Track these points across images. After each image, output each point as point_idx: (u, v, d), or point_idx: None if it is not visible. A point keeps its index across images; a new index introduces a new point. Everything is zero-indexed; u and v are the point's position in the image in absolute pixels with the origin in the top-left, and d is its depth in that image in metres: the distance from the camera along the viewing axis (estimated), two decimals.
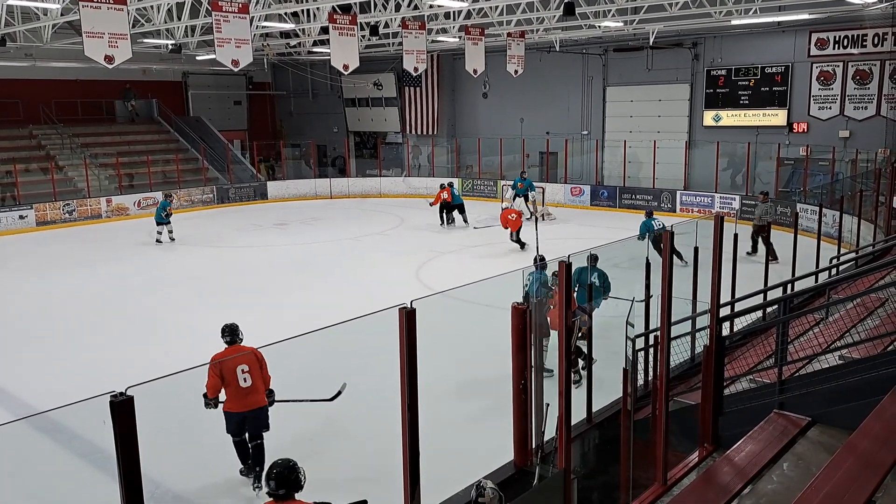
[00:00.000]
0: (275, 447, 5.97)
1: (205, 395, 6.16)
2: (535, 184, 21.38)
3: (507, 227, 16.62)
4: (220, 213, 23.65)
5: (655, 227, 14.06)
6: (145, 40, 20.30)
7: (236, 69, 14.43)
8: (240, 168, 27.43)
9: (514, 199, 21.33)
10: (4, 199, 21.54)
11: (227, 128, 29.73)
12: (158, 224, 17.93)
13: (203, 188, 24.95)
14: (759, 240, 13.78)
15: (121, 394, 2.44)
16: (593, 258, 8.12)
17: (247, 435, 6.28)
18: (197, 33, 19.62)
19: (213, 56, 16.27)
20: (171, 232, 18.01)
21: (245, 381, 6.08)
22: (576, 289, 7.69)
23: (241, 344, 6.38)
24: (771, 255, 10.85)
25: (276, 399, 6.36)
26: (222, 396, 6.19)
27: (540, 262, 8.05)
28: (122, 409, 2.41)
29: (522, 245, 16.12)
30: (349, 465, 6.63)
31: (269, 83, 31.84)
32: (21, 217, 20.75)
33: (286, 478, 4.07)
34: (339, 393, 6.47)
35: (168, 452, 6.57)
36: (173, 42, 19.98)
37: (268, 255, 16.82)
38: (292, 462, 4.14)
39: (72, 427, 6.96)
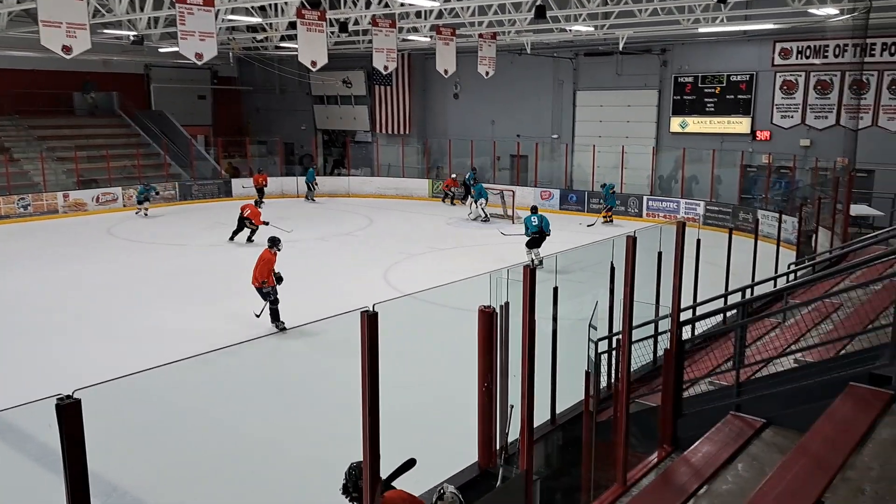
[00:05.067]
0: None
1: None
2: (505, 187, 21.52)
3: None
4: (183, 210, 23.27)
5: (534, 224, 14.75)
6: (106, 31, 19.86)
7: (200, 63, 14.18)
8: (204, 164, 27.01)
9: (472, 202, 21.46)
10: None
11: (191, 123, 29.19)
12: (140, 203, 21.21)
13: (165, 184, 24.52)
14: None
15: (67, 397, 2.37)
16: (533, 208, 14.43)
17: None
18: (160, 25, 19.26)
19: (176, 49, 15.96)
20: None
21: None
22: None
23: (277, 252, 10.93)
24: None
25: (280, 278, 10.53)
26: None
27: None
28: (69, 413, 2.35)
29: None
30: (309, 470, 6.58)
31: (234, 78, 31.39)
32: None
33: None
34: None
35: (126, 455, 6.45)
36: (135, 34, 19.56)
37: (232, 255, 16.59)
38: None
39: (23, 428, 6.80)
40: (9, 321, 11.31)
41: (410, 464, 3.81)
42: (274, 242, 11.02)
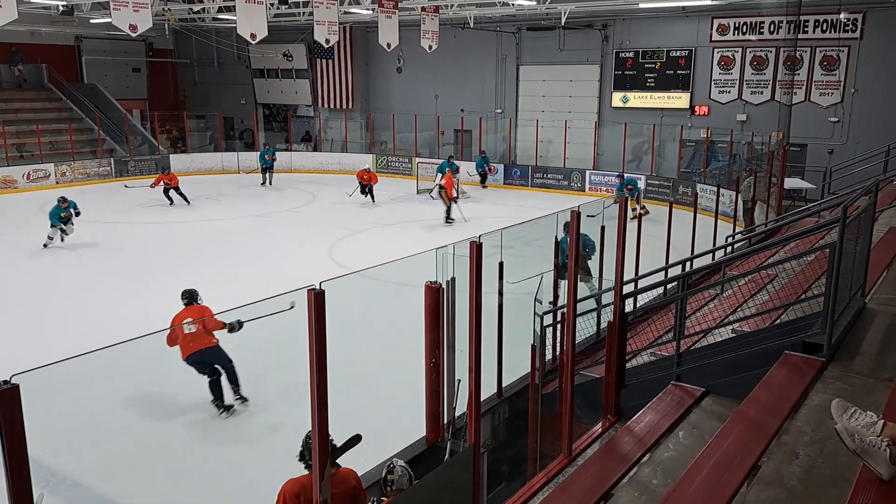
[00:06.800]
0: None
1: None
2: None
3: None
4: (119, 186, 22.40)
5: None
6: (33, 0, 18.83)
7: (134, 34, 13.68)
8: (139, 140, 26.06)
9: (439, 180, 21.32)
10: None
11: (126, 96, 28.10)
12: (53, 226, 14.16)
13: (100, 160, 23.58)
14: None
15: (5, 382, 2.32)
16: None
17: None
18: None
19: (109, 20, 15.26)
20: (64, 233, 14.20)
21: (190, 329, 7.13)
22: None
23: (200, 304, 7.52)
24: None
25: (241, 322, 7.16)
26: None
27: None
28: (7, 399, 2.28)
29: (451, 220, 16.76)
30: (259, 451, 6.51)
31: (170, 50, 30.29)
32: None
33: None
34: (293, 306, 6.61)
35: (65, 441, 6.25)
36: (65, 3, 18.63)
37: (173, 233, 16.13)
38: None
39: None
40: None
41: (355, 440, 3.81)
42: (195, 296, 7.64)
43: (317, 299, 3.03)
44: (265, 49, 25.09)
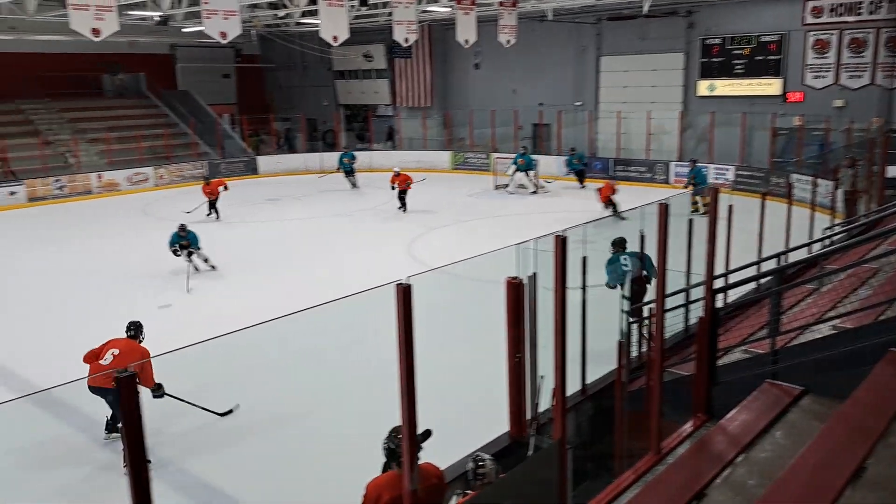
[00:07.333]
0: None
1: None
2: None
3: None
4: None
5: (624, 267, 8.98)
6: (132, 12, 19.94)
7: (224, 41, 14.24)
8: (230, 143, 27.19)
9: (513, 173, 21.28)
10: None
11: (216, 101, 29.38)
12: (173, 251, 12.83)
13: (194, 163, 24.76)
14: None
15: (124, 370, 2.47)
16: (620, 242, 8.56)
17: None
18: (184, 4, 19.30)
19: (200, 28, 15.98)
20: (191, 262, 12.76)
21: (106, 360, 6.57)
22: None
23: (140, 343, 6.90)
24: None
25: (165, 393, 6.61)
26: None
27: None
28: (126, 385, 2.43)
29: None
30: (347, 441, 6.67)
31: (257, 56, 31.42)
32: (12, 193, 20.59)
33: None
34: (231, 411, 6.73)
35: (171, 427, 6.58)
36: (160, 14, 19.63)
37: (260, 232, 16.75)
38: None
39: (66, 400, 7.02)
40: (57, 298, 11.59)
41: (426, 435, 3.85)
42: (140, 330, 7.07)
43: (404, 293, 3.09)
44: (346, 51, 25.66)
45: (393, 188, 18.22)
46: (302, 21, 24.27)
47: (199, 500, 6.03)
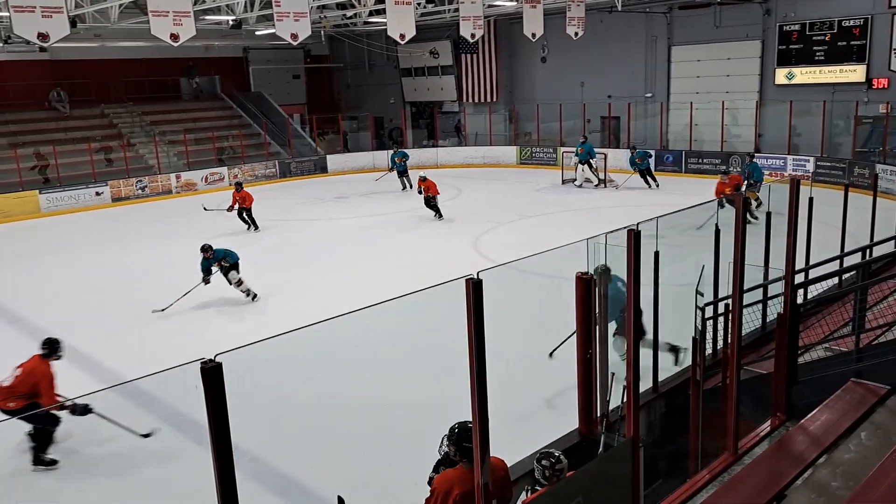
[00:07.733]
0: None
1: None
2: (595, 150, 21.00)
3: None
4: (283, 187, 24.13)
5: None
6: (206, 17, 20.68)
7: (295, 43, 14.61)
8: (300, 142, 27.85)
9: (576, 166, 21.02)
10: (101, 174, 22.28)
11: (287, 102, 30.12)
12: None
13: (266, 163, 25.50)
14: None
15: (210, 360, 2.53)
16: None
17: None
18: (256, 8, 19.84)
19: (272, 30, 16.44)
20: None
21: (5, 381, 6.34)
22: None
23: (55, 360, 6.47)
24: None
25: (92, 411, 6.37)
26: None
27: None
28: (211, 375, 2.51)
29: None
30: (416, 433, 6.75)
31: (326, 56, 32.02)
32: (97, 194, 21.69)
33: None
34: (149, 435, 6.71)
35: (246, 418, 6.82)
36: (234, 18, 20.28)
37: (330, 229, 17.11)
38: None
39: (151, 392, 7.35)
40: (137, 293, 12.15)
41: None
42: (54, 348, 6.54)
43: (475, 288, 3.11)
44: (412, 48, 25.87)
45: (420, 192, 17.28)
46: (369, 20, 24.60)
47: (275, 489, 6.22)
